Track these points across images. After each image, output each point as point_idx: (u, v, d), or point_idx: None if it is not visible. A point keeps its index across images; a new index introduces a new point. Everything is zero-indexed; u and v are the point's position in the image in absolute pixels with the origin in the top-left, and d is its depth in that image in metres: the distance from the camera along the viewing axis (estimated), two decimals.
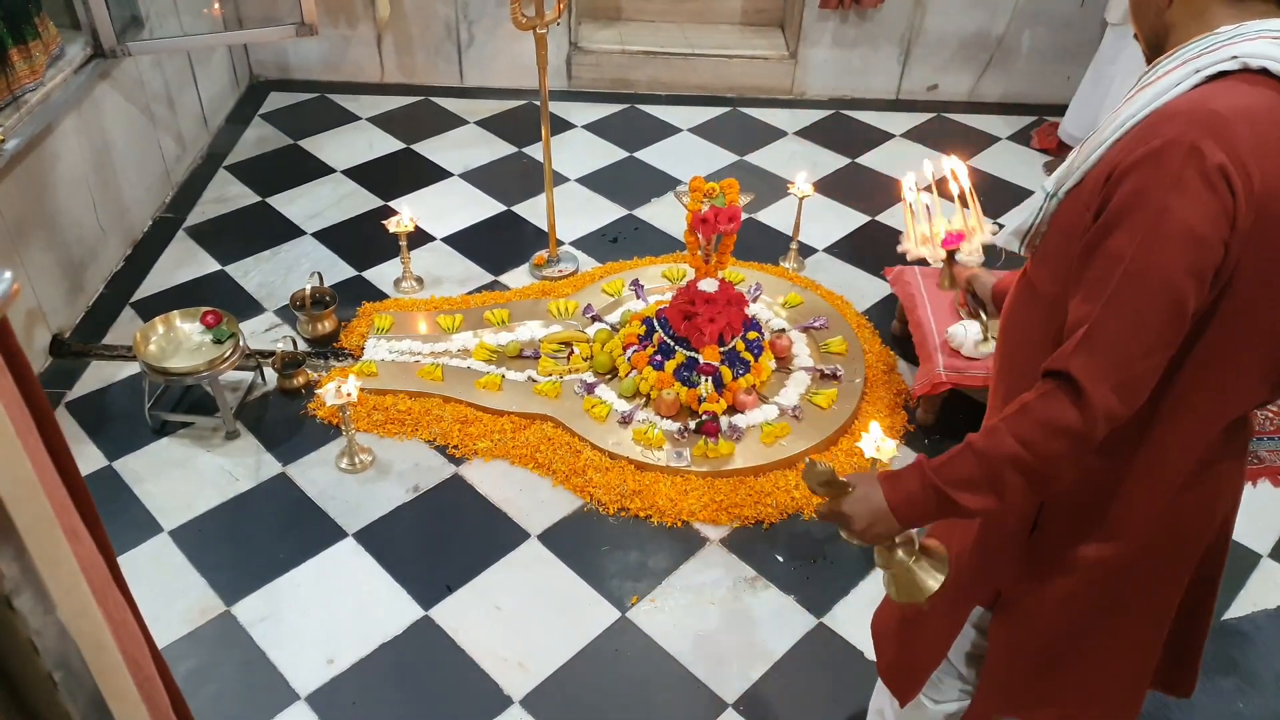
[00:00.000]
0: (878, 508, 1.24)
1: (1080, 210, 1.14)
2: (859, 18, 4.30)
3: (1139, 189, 1.05)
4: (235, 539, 2.41)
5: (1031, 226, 1.23)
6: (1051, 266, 1.21)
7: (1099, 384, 1.08)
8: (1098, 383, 1.08)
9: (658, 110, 4.37)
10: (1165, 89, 1.10)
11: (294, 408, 2.78)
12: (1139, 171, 1.06)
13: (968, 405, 2.85)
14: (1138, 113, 1.11)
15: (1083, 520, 1.30)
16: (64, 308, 2.99)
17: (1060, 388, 1.11)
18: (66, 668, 0.68)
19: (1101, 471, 1.25)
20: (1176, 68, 1.11)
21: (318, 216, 3.60)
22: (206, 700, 2.05)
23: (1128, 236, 1.06)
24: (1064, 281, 1.17)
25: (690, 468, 2.56)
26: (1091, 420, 1.09)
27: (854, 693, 2.12)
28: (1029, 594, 1.37)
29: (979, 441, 1.18)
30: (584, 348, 2.90)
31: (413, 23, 4.33)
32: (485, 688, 2.10)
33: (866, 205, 3.77)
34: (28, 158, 2.76)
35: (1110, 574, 1.32)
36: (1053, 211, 1.20)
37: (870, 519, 1.25)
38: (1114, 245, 1.07)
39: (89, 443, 2.64)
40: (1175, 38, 1.16)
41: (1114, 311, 1.07)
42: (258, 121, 4.20)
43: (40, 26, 2.85)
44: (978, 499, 1.18)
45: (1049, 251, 1.22)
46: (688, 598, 2.30)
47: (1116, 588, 1.33)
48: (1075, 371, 1.09)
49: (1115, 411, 1.09)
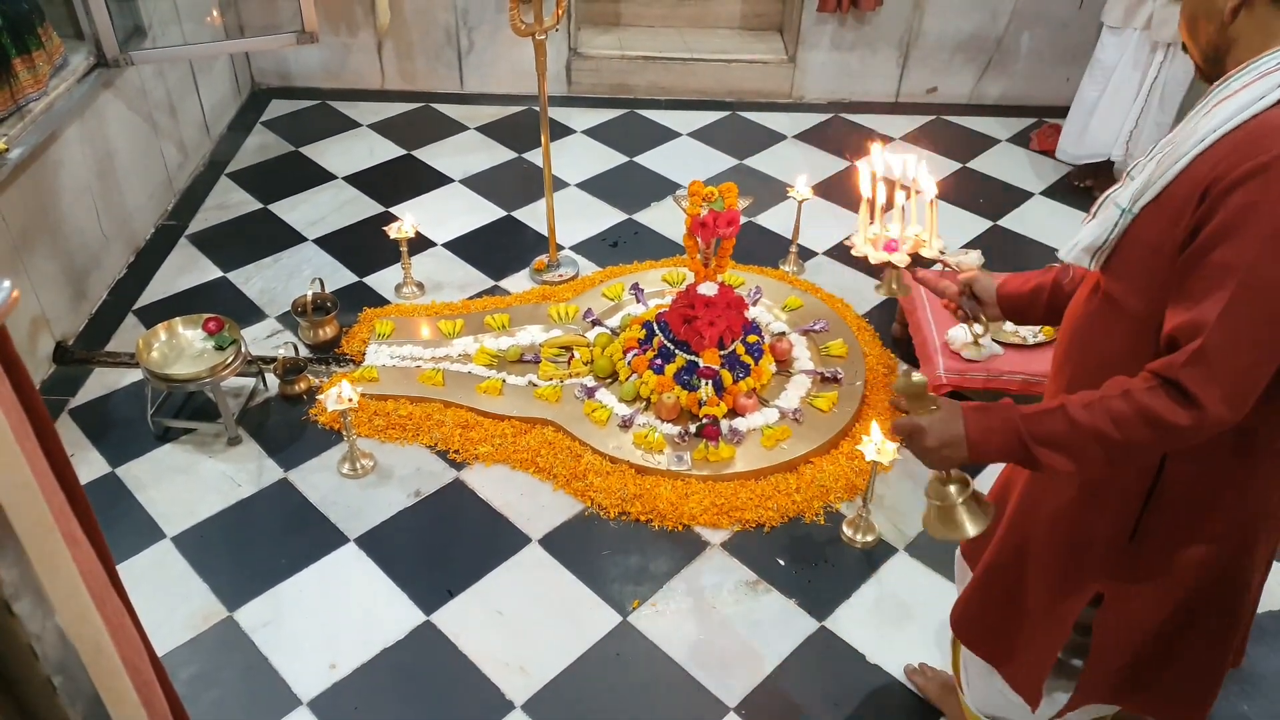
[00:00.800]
0: (955, 433, 1.28)
1: (1167, 224, 1.17)
2: (857, 21, 4.31)
3: (1250, 203, 1.08)
4: (237, 545, 2.42)
5: (1106, 242, 1.26)
6: (1133, 280, 1.24)
7: (1211, 394, 1.12)
8: (1210, 393, 1.12)
9: (657, 115, 4.38)
10: (1248, 102, 1.12)
11: (295, 413, 2.79)
12: (1249, 185, 1.08)
13: None
14: (1220, 127, 1.13)
15: (1182, 527, 1.34)
16: (67, 315, 3.00)
17: (1168, 388, 1.15)
18: (66, 672, 0.69)
19: (1201, 479, 1.29)
20: (1254, 81, 1.13)
21: (319, 223, 3.61)
22: (209, 706, 2.06)
23: (1240, 250, 1.09)
24: (1148, 294, 1.21)
25: (691, 471, 2.56)
26: (1198, 426, 1.14)
27: (855, 695, 2.12)
28: (1131, 596, 1.42)
29: (1075, 409, 1.22)
30: (584, 352, 2.91)
31: (413, 29, 4.35)
32: (487, 692, 2.10)
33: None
34: (31, 166, 2.78)
35: (1208, 575, 1.37)
36: (1127, 227, 1.23)
37: (944, 440, 1.28)
38: (1224, 258, 1.10)
39: (92, 449, 2.65)
40: (1239, 53, 1.18)
41: (1228, 324, 1.10)
42: (259, 129, 4.22)
43: (44, 36, 2.87)
44: (1055, 458, 1.23)
45: (1129, 266, 1.25)
46: (689, 601, 2.30)
47: (1213, 587, 1.38)
48: (1186, 381, 1.13)
49: (1224, 420, 1.13)
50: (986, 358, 2.63)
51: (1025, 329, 2.71)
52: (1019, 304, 1.66)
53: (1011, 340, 2.68)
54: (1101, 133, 3.68)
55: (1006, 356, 2.65)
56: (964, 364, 2.63)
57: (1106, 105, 3.65)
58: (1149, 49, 3.51)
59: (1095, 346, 1.34)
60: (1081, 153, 3.78)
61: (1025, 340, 2.68)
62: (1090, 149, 3.74)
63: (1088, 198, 3.86)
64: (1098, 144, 3.72)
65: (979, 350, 2.02)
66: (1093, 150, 3.74)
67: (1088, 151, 3.76)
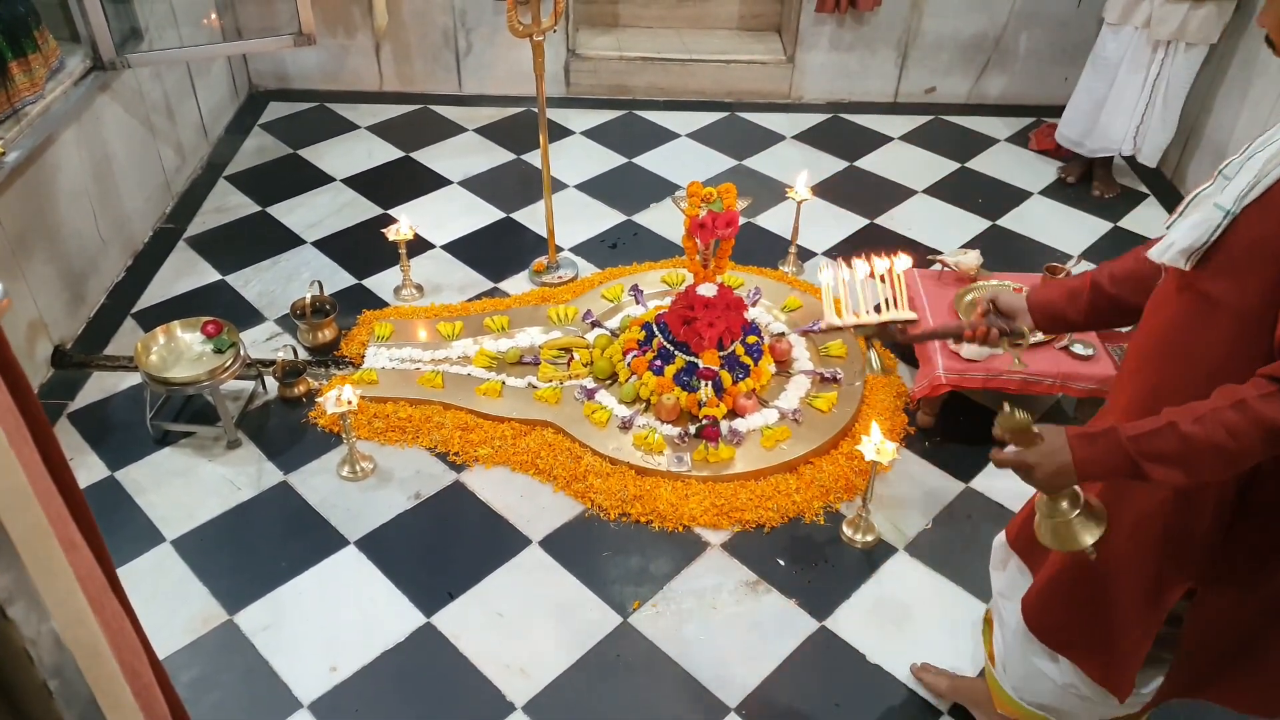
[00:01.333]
0: (1063, 462, 1.30)
1: (1275, 222, 1.19)
2: (856, 21, 4.31)
3: None
4: (237, 548, 2.41)
5: (1206, 242, 1.26)
6: (1237, 278, 1.25)
7: None
8: None
9: (655, 116, 4.38)
10: None
11: (295, 416, 2.78)
12: None
13: (967, 407, 2.85)
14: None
15: (1276, 525, 1.35)
16: (65, 319, 3.00)
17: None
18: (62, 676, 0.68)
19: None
20: None
21: (317, 225, 3.61)
22: (209, 709, 2.06)
23: None
24: (1254, 292, 1.22)
25: (691, 472, 2.56)
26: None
27: (855, 695, 2.12)
28: (1224, 593, 1.44)
29: (1187, 424, 1.23)
30: (584, 353, 2.91)
31: (411, 31, 4.35)
32: (487, 694, 2.10)
33: (865, 208, 3.78)
34: (28, 170, 2.78)
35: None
36: (1227, 226, 1.24)
37: (1053, 471, 1.31)
38: None
39: (91, 453, 2.64)
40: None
41: None
42: (257, 131, 4.22)
43: (40, 40, 2.87)
44: (1168, 473, 1.25)
45: (1233, 264, 1.25)
46: (689, 602, 2.30)
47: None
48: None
49: None
50: (984, 358, 2.63)
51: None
52: (1056, 310, 1.64)
53: None
54: (1111, 128, 3.71)
55: (1005, 356, 2.64)
56: (964, 364, 2.63)
57: (1114, 101, 3.66)
58: (1149, 46, 3.52)
59: (1187, 347, 1.34)
60: (1093, 145, 3.80)
61: None
62: (1101, 143, 3.77)
63: (1077, 194, 3.87)
64: (1108, 139, 3.75)
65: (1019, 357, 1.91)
66: (1103, 145, 3.78)
67: (1098, 145, 3.79)
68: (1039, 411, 2.84)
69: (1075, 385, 2.62)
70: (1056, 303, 1.63)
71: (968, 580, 2.36)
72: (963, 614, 2.29)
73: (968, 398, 2.87)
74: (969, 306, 2.83)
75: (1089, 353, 2.64)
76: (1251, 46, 3.56)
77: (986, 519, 2.53)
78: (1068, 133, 3.88)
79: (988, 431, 2.89)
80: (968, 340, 1.72)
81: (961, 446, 2.72)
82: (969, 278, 2.93)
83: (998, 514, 2.54)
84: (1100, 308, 1.57)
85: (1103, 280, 1.58)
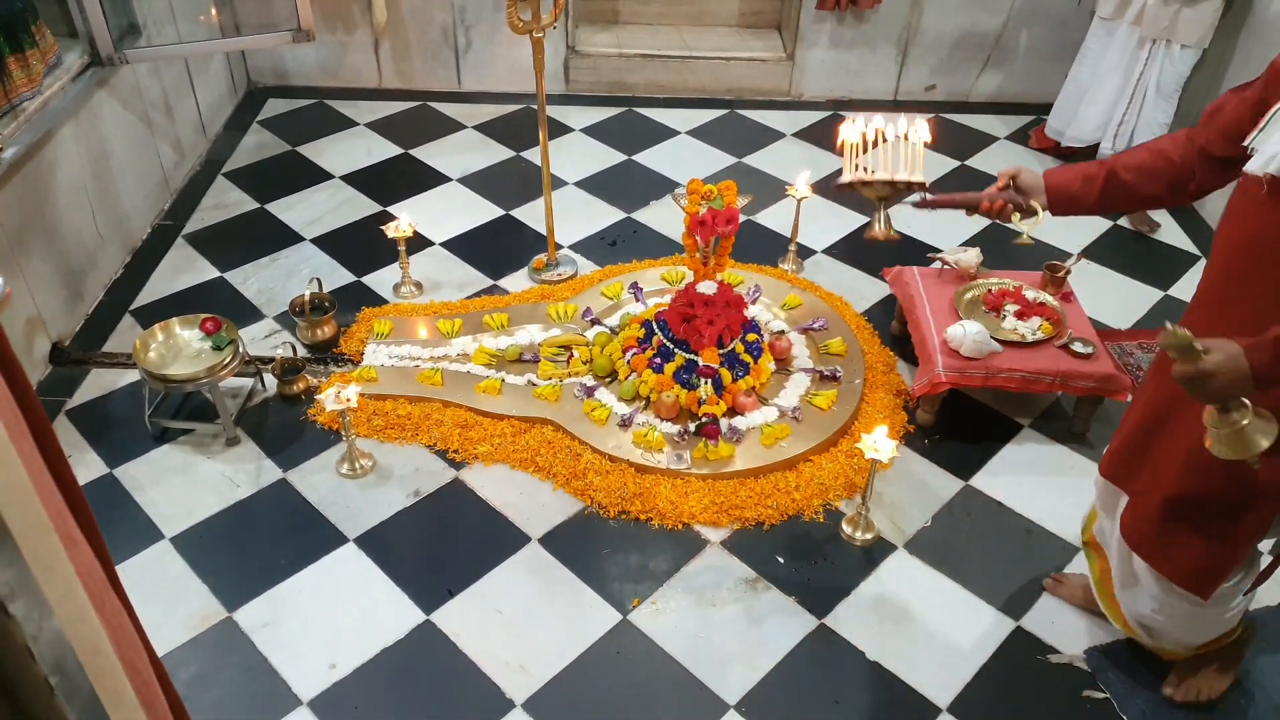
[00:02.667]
0: (1241, 370, 1.38)
1: None
2: (856, 19, 4.31)
3: None
4: (236, 545, 2.41)
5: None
6: None
7: None
8: None
9: (655, 113, 4.38)
10: None
11: (294, 414, 2.78)
12: None
13: (967, 405, 2.85)
14: None
15: None
16: (64, 316, 2.99)
17: None
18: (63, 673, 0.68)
19: None
20: None
21: (316, 222, 3.60)
22: (209, 706, 2.05)
23: None
24: None
25: (690, 470, 2.56)
26: None
27: (855, 693, 2.12)
28: None
29: None
30: (583, 351, 2.91)
31: (410, 28, 4.34)
32: (487, 691, 2.10)
33: (864, 206, 3.77)
34: (26, 166, 2.77)
35: None
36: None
37: (1232, 378, 1.39)
38: None
39: (90, 450, 2.64)
40: None
41: None
42: (256, 128, 4.21)
43: (37, 35, 2.86)
44: None
45: None
46: (689, 600, 2.30)
47: None
48: None
49: None
50: (985, 355, 2.63)
51: (1025, 327, 2.71)
52: (1071, 192, 1.75)
53: (1010, 338, 2.68)
54: (1088, 121, 3.73)
55: (1005, 354, 2.65)
56: (963, 362, 2.63)
57: (1094, 93, 3.69)
58: (1137, 43, 3.52)
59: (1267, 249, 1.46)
60: (1070, 134, 3.83)
61: (1024, 338, 2.68)
62: (1077, 134, 3.81)
63: None
64: (1084, 130, 3.78)
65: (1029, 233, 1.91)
66: (1079, 135, 3.80)
67: (1075, 135, 3.82)
68: (1038, 410, 2.84)
69: (1075, 383, 2.62)
70: (1072, 184, 1.75)
71: (967, 578, 2.36)
72: (962, 611, 2.29)
73: (967, 396, 2.87)
74: (970, 304, 2.83)
75: (1089, 351, 2.64)
76: (1250, 46, 3.56)
77: (986, 517, 2.53)
78: (1054, 124, 3.94)
79: (987, 429, 2.91)
80: (983, 212, 1.81)
81: (961, 444, 2.72)
82: (969, 275, 2.93)
83: (997, 511, 2.54)
84: (1113, 194, 1.69)
85: (1118, 168, 1.70)
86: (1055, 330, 2.70)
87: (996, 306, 2.80)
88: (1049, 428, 2.79)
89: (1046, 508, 2.54)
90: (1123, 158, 1.73)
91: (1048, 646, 2.22)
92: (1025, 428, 2.79)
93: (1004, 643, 2.22)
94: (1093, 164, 1.77)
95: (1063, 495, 2.58)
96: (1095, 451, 2.71)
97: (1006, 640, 2.23)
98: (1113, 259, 3.49)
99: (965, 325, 2.65)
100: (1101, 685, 2.13)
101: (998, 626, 2.25)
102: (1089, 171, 1.74)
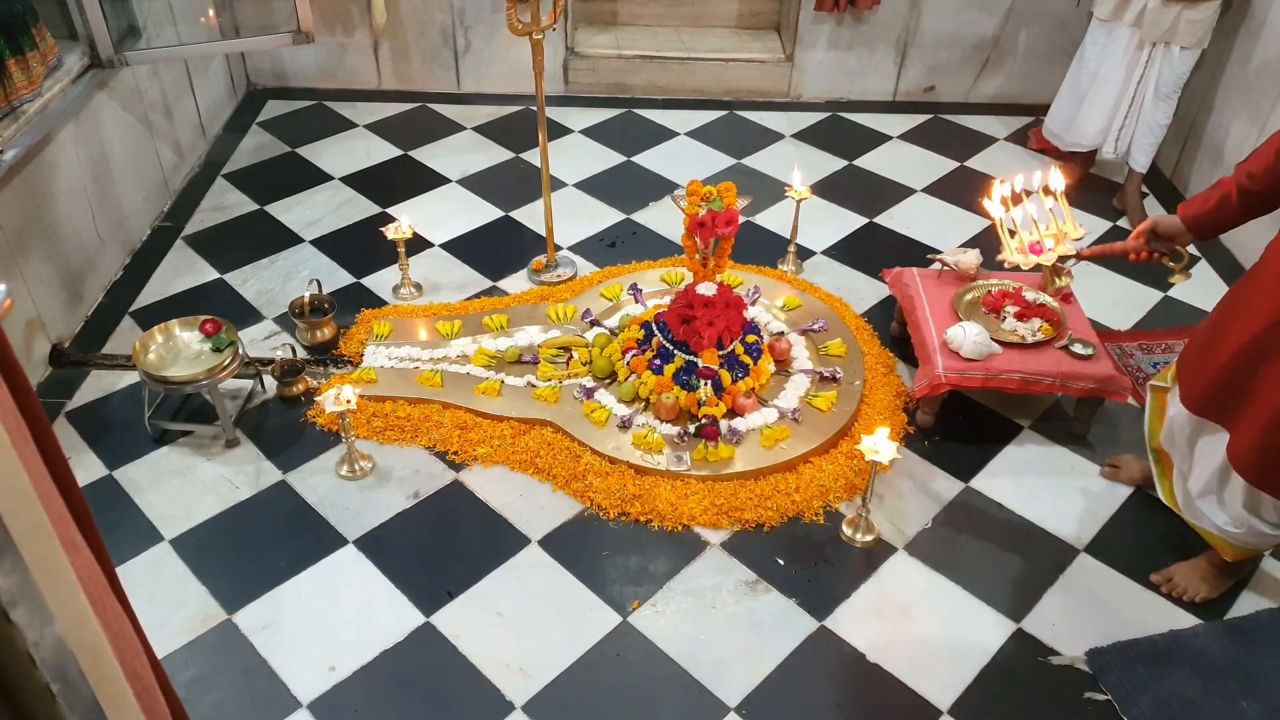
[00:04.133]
0: None
1: None
2: (855, 20, 4.31)
3: None
4: (236, 547, 2.41)
5: None
6: None
7: None
8: None
9: (654, 114, 4.38)
10: None
11: (293, 415, 2.78)
12: None
13: (967, 406, 2.85)
14: None
15: None
16: (63, 317, 2.99)
17: None
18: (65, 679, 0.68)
19: None
20: None
21: (316, 224, 3.60)
22: (208, 709, 2.05)
23: None
24: None
25: (690, 472, 2.56)
26: None
27: (855, 695, 2.12)
28: None
29: None
30: (583, 352, 2.90)
31: (409, 29, 4.34)
32: (487, 694, 2.10)
33: (864, 207, 3.78)
34: (26, 168, 2.77)
35: None
36: None
37: None
38: None
39: (89, 452, 2.64)
40: None
41: None
42: (255, 129, 4.21)
43: (37, 37, 2.86)
44: None
45: None
46: (689, 602, 2.30)
47: None
48: None
49: None
50: (984, 357, 2.63)
51: (1024, 328, 2.71)
52: (1211, 221, 1.94)
53: (1010, 339, 2.68)
54: (1088, 125, 3.71)
55: (1005, 356, 2.65)
56: (963, 363, 2.63)
57: (1093, 96, 3.67)
58: (1136, 46, 3.51)
59: None
60: (1070, 139, 3.81)
61: (1024, 339, 2.68)
62: (1076, 138, 3.79)
63: (1073, 195, 3.87)
64: (1084, 135, 3.75)
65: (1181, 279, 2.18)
66: (1079, 140, 3.78)
67: (1075, 140, 3.79)
68: (1038, 411, 2.84)
69: (1075, 385, 2.62)
70: (1211, 214, 1.93)
71: (968, 580, 2.36)
72: (963, 613, 2.29)
73: (967, 397, 2.87)
74: (969, 306, 2.83)
75: (1089, 352, 2.64)
76: (1250, 46, 3.56)
77: (986, 518, 2.53)
78: (1051, 125, 3.91)
79: (987, 431, 2.91)
80: (1132, 261, 2.06)
81: (961, 446, 2.72)
82: (968, 277, 2.93)
83: (997, 513, 2.54)
84: (1251, 205, 1.87)
85: (1244, 182, 1.85)
86: (1055, 331, 2.70)
87: (996, 308, 2.80)
88: (1049, 429, 2.79)
89: (1047, 509, 2.55)
90: (1242, 170, 1.89)
91: (1049, 649, 2.22)
92: (1025, 429, 2.79)
93: (1005, 645, 2.22)
94: (1216, 189, 1.94)
95: (1063, 496, 2.58)
96: (1095, 453, 2.71)
97: (1007, 642, 2.23)
98: (1112, 260, 3.49)
99: (965, 327, 2.66)
100: (1103, 687, 2.13)
101: (998, 628, 2.25)
102: (1220, 196, 1.91)
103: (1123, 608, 2.31)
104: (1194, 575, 2.31)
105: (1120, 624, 2.26)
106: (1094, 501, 2.57)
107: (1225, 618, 2.29)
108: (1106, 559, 2.42)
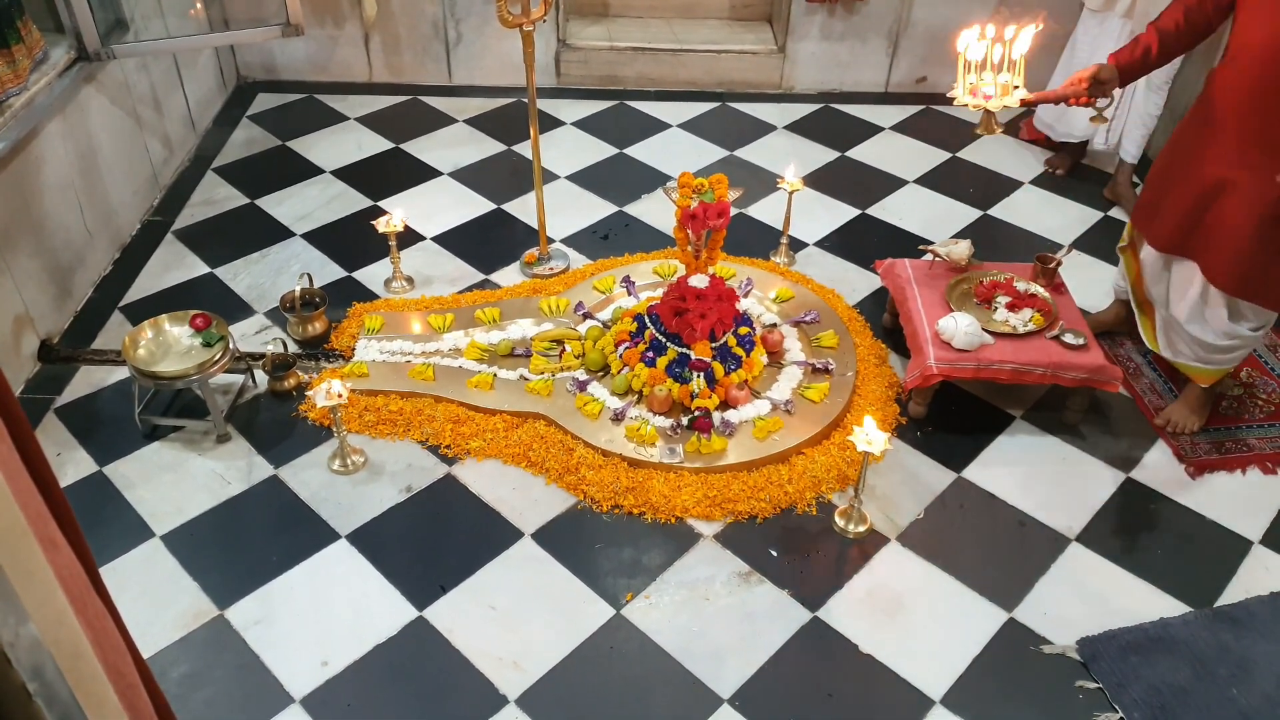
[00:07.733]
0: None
1: None
2: (847, 11, 4.30)
3: None
4: (227, 542, 2.40)
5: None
6: None
7: None
8: None
9: (646, 106, 4.36)
10: None
11: (285, 410, 2.77)
12: None
13: (959, 397, 2.85)
14: None
15: None
16: (52, 313, 2.98)
17: None
18: (41, 678, 0.67)
19: None
20: None
21: (307, 218, 3.58)
22: (200, 705, 2.05)
23: None
24: None
25: (683, 464, 2.55)
26: None
27: (848, 685, 2.12)
28: None
29: None
30: (576, 345, 2.90)
31: (400, 22, 4.31)
32: (480, 687, 2.10)
33: (857, 199, 3.77)
34: (12, 163, 2.75)
35: None
36: None
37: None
38: None
39: (79, 448, 2.63)
40: None
41: None
42: (245, 123, 4.19)
43: (23, 30, 2.83)
44: None
45: None
46: (682, 594, 2.30)
47: None
48: None
49: None
50: (976, 347, 2.63)
51: (1016, 319, 2.71)
52: (1137, 65, 2.38)
53: (1002, 330, 2.68)
54: (1079, 116, 3.71)
55: (996, 346, 2.65)
56: (954, 354, 2.63)
57: None
58: (1128, 36, 3.51)
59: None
60: (1062, 130, 3.82)
61: (1016, 330, 2.68)
62: (1068, 129, 3.79)
63: (1065, 185, 3.87)
64: (1075, 126, 3.76)
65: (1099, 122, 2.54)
66: (1071, 131, 3.79)
67: (1067, 131, 3.80)
68: (1030, 401, 2.84)
69: (1066, 375, 2.63)
70: (1136, 60, 2.39)
71: (960, 569, 2.36)
72: (955, 603, 2.29)
73: (959, 388, 2.87)
74: (961, 297, 2.83)
75: (1080, 342, 2.64)
76: None
77: (978, 508, 2.53)
78: (1044, 115, 3.91)
79: (979, 421, 2.91)
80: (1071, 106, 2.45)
81: (953, 436, 2.73)
82: (960, 268, 2.92)
83: (989, 503, 2.54)
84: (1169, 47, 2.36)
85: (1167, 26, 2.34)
86: (1046, 322, 2.70)
87: (988, 298, 2.80)
88: (1041, 419, 2.79)
89: (1039, 499, 2.55)
90: (1158, 24, 2.37)
91: (1040, 637, 2.22)
92: (1017, 419, 2.79)
93: (997, 634, 2.23)
94: (1139, 41, 2.39)
95: (1055, 486, 2.58)
96: (1087, 442, 2.71)
97: (999, 631, 2.23)
98: (1103, 249, 3.49)
99: (957, 317, 2.65)
100: (1094, 675, 2.14)
101: (990, 618, 2.26)
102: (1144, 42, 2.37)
103: (1113, 597, 2.31)
104: (1184, 410, 2.71)
105: (1111, 613, 2.27)
106: (1085, 491, 2.58)
107: (1215, 605, 2.29)
108: (1098, 548, 2.43)
